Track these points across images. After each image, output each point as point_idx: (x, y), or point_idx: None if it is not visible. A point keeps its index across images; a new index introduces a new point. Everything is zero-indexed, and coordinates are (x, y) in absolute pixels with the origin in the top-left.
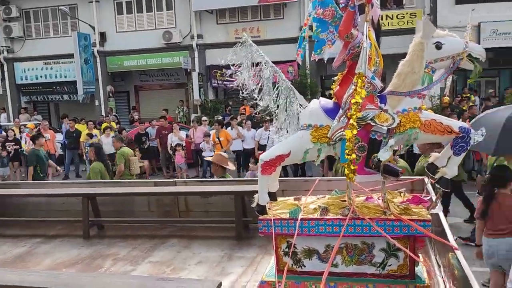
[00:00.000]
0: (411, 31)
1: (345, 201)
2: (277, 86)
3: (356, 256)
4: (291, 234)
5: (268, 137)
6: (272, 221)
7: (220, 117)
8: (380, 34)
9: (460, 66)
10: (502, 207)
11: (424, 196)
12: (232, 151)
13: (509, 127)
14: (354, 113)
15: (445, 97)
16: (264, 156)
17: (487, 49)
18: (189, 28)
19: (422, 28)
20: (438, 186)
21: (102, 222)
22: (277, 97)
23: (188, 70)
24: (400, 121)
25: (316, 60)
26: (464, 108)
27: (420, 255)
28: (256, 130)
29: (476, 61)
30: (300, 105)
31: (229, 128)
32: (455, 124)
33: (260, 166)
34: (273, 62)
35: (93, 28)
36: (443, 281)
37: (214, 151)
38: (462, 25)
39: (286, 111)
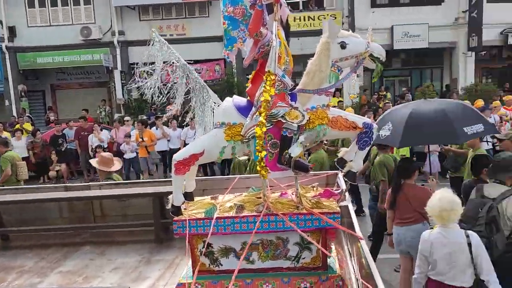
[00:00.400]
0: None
1: (260, 198)
2: (190, 85)
3: (272, 251)
4: (207, 233)
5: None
6: (187, 221)
7: (145, 117)
8: (290, 33)
9: (363, 65)
10: (408, 197)
11: (336, 190)
12: (158, 151)
13: (411, 122)
14: (263, 110)
15: (352, 95)
16: (177, 156)
17: (399, 51)
18: (109, 24)
19: (327, 28)
20: (346, 179)
21: (7, 232)
22: (191, 96)
23: (110, 68)
24: (309, 118)
25: (230, 58)
26: (380, 105)
27: (333, 245)
28: (182, 130)
29: (377, 61)
30: (214, 103)
31: (154, 127)
32: (360, 120)
33: (173, 166)
34: (199, 61)
35: (0, 22)
36: (354, 269)
37: (136, 152)
38: (378, 27)
39: (200, 110)
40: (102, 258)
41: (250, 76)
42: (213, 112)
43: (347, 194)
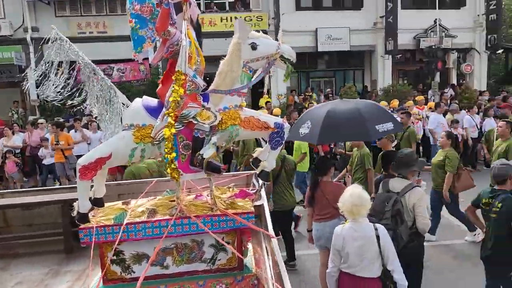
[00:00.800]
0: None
1: (174, 201)
2: (95, 85)
3: (187, 254)
4: (117, 240)
5: None
6: (94, 229)
7: (62, 119)
8: (201, 33)
9: (274, 66)
10: (325, 193)
11: (251, 190)
12: (76, 155)
13: (328, 121)
14: (172, 111)
15: (265, 95)
16: (82, 160)
17: (323, 53)
18: (21, 19)
19: (238, 29)
20: (259, 178)
21: None
22: (97, 98)
23: (23, 67)
24: (221, 118)
25: (138, 59)
26: (306, 105)
27: (250, 245)
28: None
29: (288, 62)
30: (123, 104)
31: (73, 130)
32: (271, 120)
33: (78, 170)
34: (123, 60)
35: None
36: (269, 268)
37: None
38: (303, 30)
39: (107, 111)
40: (4, 273)
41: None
42: (121, 113)
43: (262, 193)
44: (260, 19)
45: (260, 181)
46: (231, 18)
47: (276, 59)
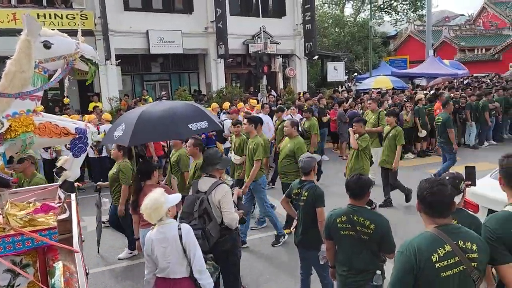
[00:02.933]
0: (83, 32)
1: None
2: None
3: None
4: None
5: None
6: None
7: None
8: None
9: (75, 67)
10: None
11: (57, 203)
12: None
13: (140, 121)
14: None
15: (66, 99)
16: None
17: (157, 55)
18: None
19: (26, 25)
20: (62, 189)
21: None
22: None
23: None
24: (10, 125)
25: None
26: None
27: (59, 263)
28: None
29: (90, 62)
30: None
31: None
32: (72, 125)
33: None
34: None
35: None
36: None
37: None
38: (134, 31)
39: None
40: None
41: None
42: None
43: (73, 205)
44: (85, 18)
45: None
46: (50, 15)
47: (76, 60)
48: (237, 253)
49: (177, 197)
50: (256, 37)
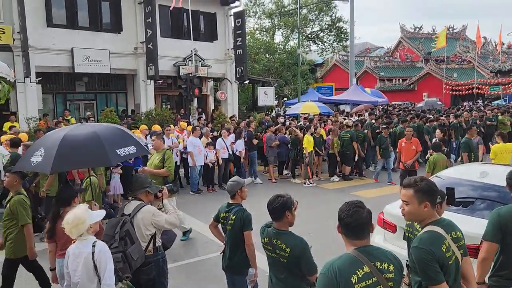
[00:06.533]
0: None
1: None
2: None
3: None
4: None
5: None
6: None
7: None
8: None
9: None
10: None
11: None
12: None
13: (64, 146)
14: None
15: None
16: None
17: (82, 74)
18: None
19: None
20: None
21: None
22: None
23: None
24: None
25: None
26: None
27: None
28: None
29: (4, 81)
30: None
31: None
32: None
33: None
34: None
35: None
36: None
37: None
38: (57, 48)
39: None
40: None
41: None
42: None
43: None
44: (2, 32)
45: None
46: None
47: None
48: (163, 282)
49: (100, 213)
50: (188, 60)
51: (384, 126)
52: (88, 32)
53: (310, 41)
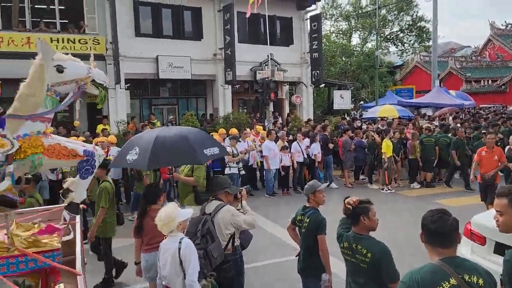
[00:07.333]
0: (95, 56)
1: None
2: None
3: None
4: None
5: None
6: None
7: None
8: None
9: (86, 90)
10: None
11: (62, 224)
12: None
13: (157, 145)
14: None
15: (76, 121)
16: None
17: (165, 80)
18: None
19: (40, 49)
20: (67, 211)
21: None
22: None
23: None
24: (20, 146)
25: None
26: None
27: (61, 285)
28: None
29: (101, 87)
30: None
31: None
32: (80, 148)
33: None
34: None
35: None
36: None
37: None
38: (143, 56)
39: None
40: None
41: None
42: None
43: (77, 226)
44: (97, 43)
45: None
46: (63, 39)
47: (87, 84)
48: (241, 281)
49: (188, 212)
50: (264, 64)
51: (470, 130)
52: (172, 40)
53: (389, 42)
